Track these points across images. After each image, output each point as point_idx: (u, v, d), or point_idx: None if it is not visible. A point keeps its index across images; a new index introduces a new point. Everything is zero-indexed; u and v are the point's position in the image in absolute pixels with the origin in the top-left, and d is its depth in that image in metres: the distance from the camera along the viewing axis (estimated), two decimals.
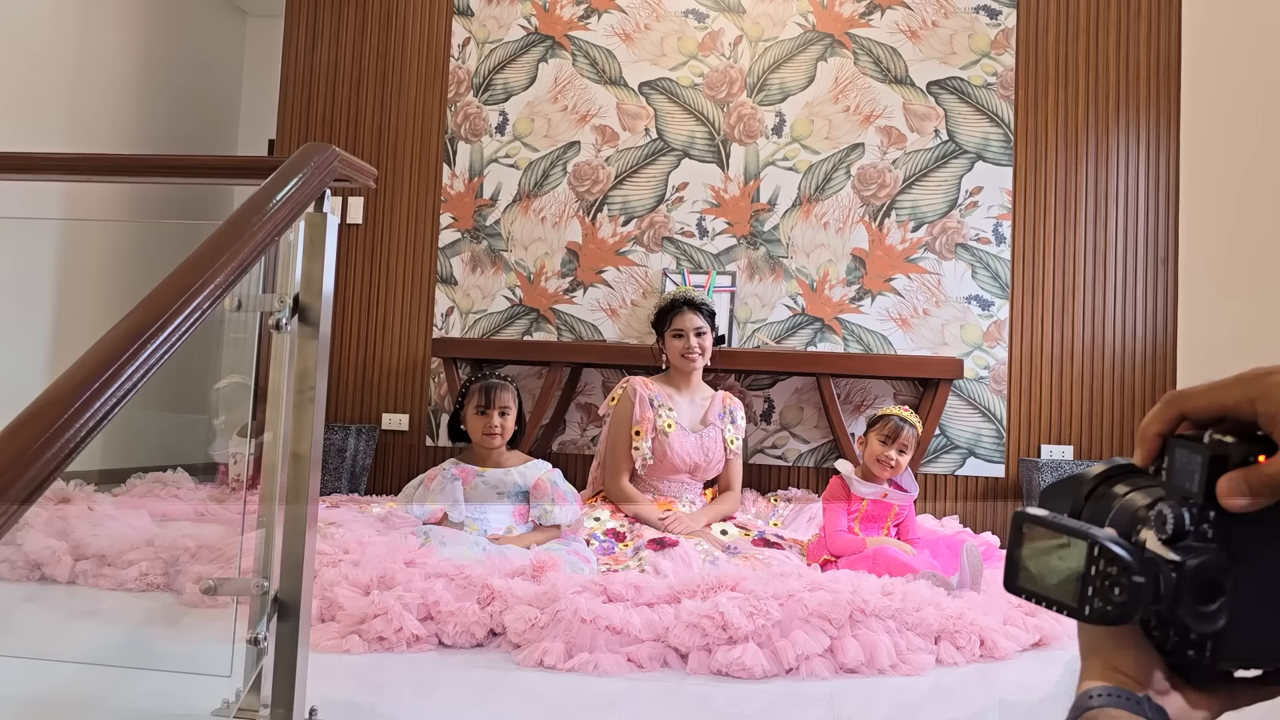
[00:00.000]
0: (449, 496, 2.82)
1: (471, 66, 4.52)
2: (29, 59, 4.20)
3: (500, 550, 2.57)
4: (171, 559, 2.60)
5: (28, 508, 0.98)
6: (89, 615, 2.41)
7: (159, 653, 2.22)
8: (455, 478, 2.86)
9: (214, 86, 5.57)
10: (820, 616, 2.03)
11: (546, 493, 2.83)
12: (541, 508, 2.81)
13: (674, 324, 3.24)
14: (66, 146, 4.31)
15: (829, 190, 4.22)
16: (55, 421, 0.99)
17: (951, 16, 4.21)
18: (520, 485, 2.86)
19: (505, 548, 2.61)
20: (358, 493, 4.15)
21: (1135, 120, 4.08)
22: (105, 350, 1.10)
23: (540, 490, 2.84)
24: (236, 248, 1.24)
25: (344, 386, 4.45)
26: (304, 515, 1.53)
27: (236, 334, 4.97)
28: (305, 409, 1.55)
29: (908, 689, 1.93)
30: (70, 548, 2.70)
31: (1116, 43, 4.12)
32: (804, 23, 4.30)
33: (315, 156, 1.50)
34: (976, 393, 4.06)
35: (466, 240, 4.46)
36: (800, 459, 4.13)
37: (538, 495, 2.83)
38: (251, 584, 1.51)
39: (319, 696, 1.56)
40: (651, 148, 4.34)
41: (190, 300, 1.16)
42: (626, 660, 1.98)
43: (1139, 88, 4.09)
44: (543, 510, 2.81)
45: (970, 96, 4.17)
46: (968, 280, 4.11)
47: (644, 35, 4.39)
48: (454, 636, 2.08)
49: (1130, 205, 4.07)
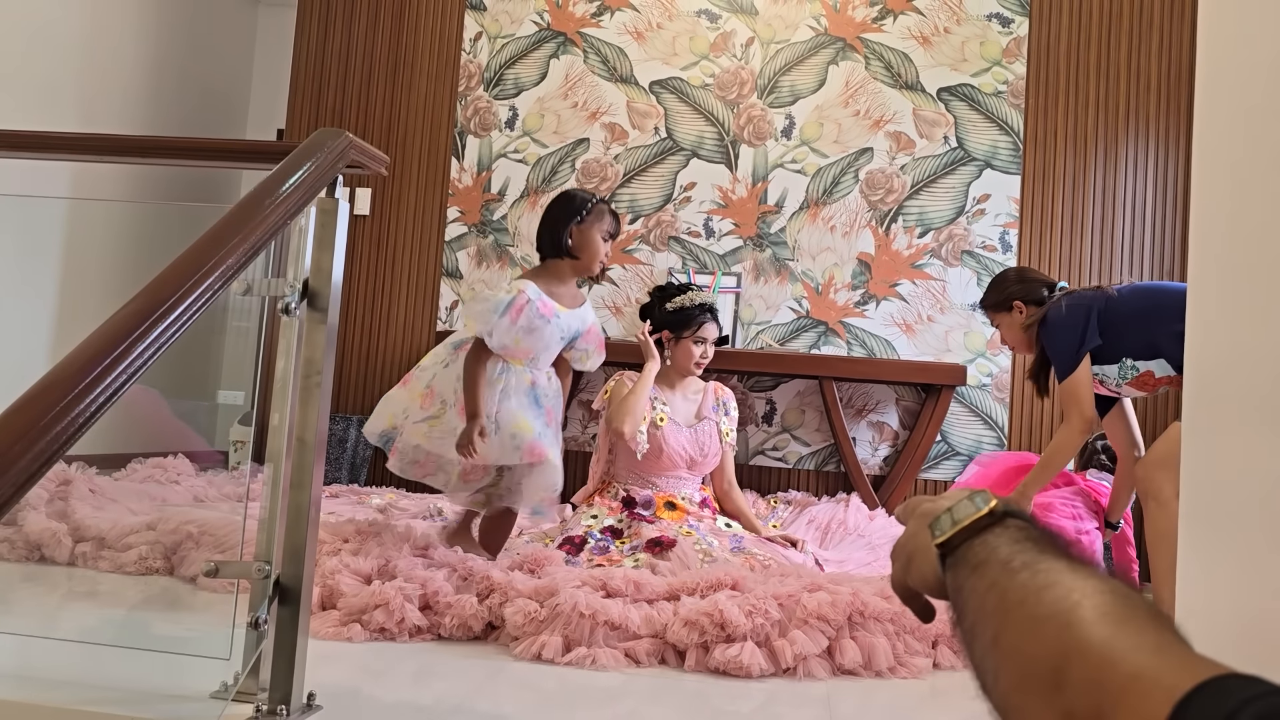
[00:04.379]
0: (540, 341, 2.54)
1: (483, 61, 4.53)
2: (42, 43, 4.21)
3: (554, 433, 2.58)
4: (172, 544, 2.60)
5: (33, 484, 0.98)
6: (88, 596, 2.41)
7: (158, 635, 2.22)
8: (544, 317, 2.54)
9: (224, 74, 5.58)
10: (819, 617, 2.03)
11: (597, 337, 2.74)
12: (585, 350, 2.70)
13: (701, 331, 3.23)
14: (77, 130, 4.31)
15: (836, 194, 4.22)
16: (64, 397, 1.00)
17: (964, 23, 4.21)
18: (578, 329, 2.69)
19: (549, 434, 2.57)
20: (357, 483, 4.15)
21: (1145, 130, 4.08)
22: (116, 328, 1.10)
23: (593, 335, 2.73)
24: (249, 230, 1.24)
25: (347, 377, 4.45)
26: (307, 501, 1.53)
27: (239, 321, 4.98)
28: (311, 395, 1.55)
29: (904, 692, 1.93)
30: (70, 530, 2.70)
31: (1128, 53, 4.12)
32: (816, 26, 4.30)
33: (329, 142, 1.51)
34: (979, 400, 4.06)
35: (473, 234, 4.47)
36: (801, 461, 4.13)
37: (589, 339, 2.71)
38: (253, 568, 1.51)
39: (317, 682, 1.56)
40: (660, 147, 4.34)
41: (201, 281, 1.17)
42: (624, 656, 1.98)
43: (1149, 98, 4.09)
44: (584, 352, 2.70)
45: (980, 104, 4.17)
46: (973, 287, 4.10)
47: (656, 34, 4.39)
48: (450, 629, 2.08)
49: (1138, 216, 4.07)
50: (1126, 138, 4.09)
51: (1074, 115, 4.13)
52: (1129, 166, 4.09)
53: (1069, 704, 0.45)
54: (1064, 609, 0.49)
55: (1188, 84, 4.04)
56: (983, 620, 0.55)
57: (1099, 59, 4.13)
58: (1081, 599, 0.49)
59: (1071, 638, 0.47)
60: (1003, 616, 0.53)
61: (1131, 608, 0.48)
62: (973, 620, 0.56)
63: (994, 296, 2.92)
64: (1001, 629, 0.52)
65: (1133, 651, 0.45)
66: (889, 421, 4.10)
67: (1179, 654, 0.44)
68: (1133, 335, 2.60)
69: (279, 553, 1.52)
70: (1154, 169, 4.07)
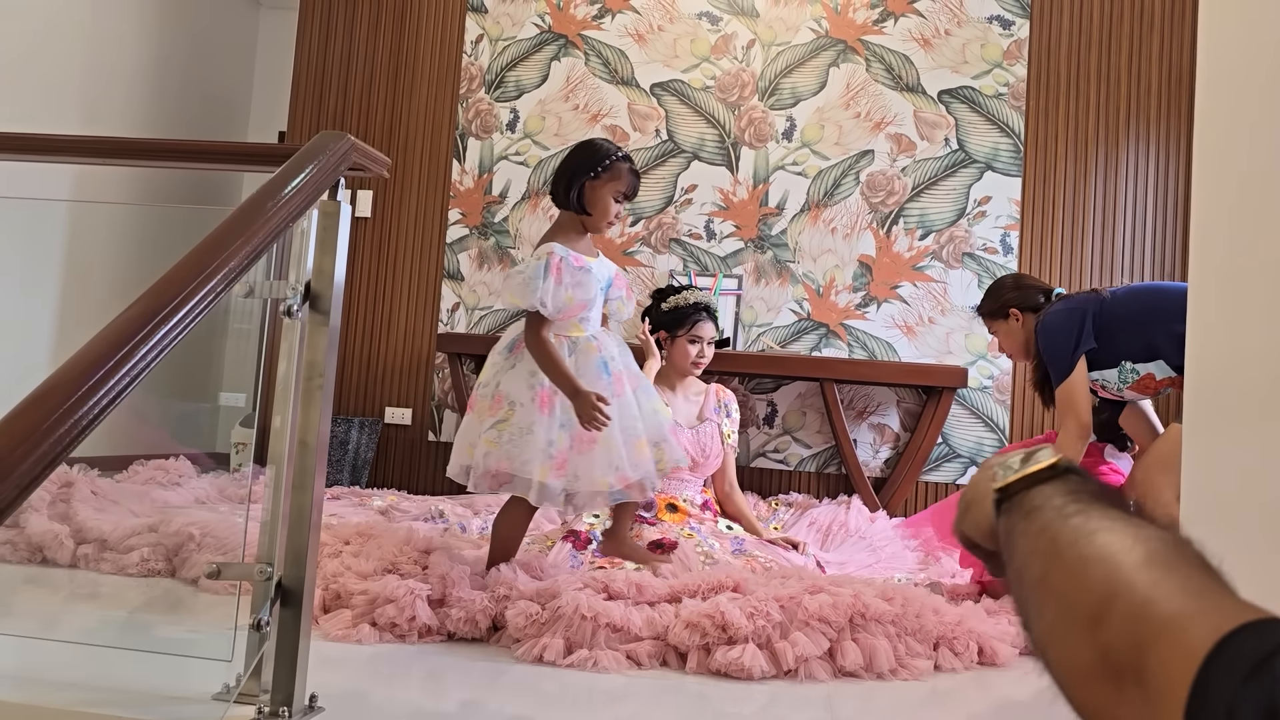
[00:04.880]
0: (588, 291, 2.40)
1: (484, 63, 4.53)
2: (43, 46, 4.21)
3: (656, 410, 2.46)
4: (174, 546, 2.60)
5: (36, 486, 0.98)
6: (90, 598, 2.42)
7: (160, 637, 2.23)
8: (581, 268, 2.40)
9: (225, 77, 5.58)
10: (820, 619, 2.03)
11: (624, 282, 2.60)
12: (619, 298, 2.56)
13: (695, 330, 3.22)
14: (79, 132, 4.31)
15: (837, 196, 4.23)
16: (66, 400, 1.00)
17: (964, 26, 4.21)
18: (609, 276, 2.55)
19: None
20: (359, 485, 4.16)
21: (1146, 134, 4.08)
22: (118, 331, 1.10)
23: (620, 280, 2.58)
24: (251, 232, 1.24)
25: (348, 379, 4.46)
26: (309, 503, 1.54)
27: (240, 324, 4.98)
28: (313, 397, 1.55)
29: (906, 694, 1.93)
30: (72, 531, 2.70)
31: (1129, 56, 4.12)
32: (817, 28, 4.30)
33: (331, 144, 1.51)
34: (980, 402, 4.06)
35: (474, 236, 4.47)
36: (802, 463, 4.13)
37: (618, 285, 2.57)
38: (255, 569, 1.52)
39: (320, 684, 1.56)
40: (662, 149, 4.35)
41: (204, 284, 1.17)
42: (626, 658, 1.98)
43: (1150, 101, 4.09)
44: (619, 301, 2.56)
45: (981, 106, 4.17)
46: (974, 289, 4.10)
47: (657, 36, 4.39)
48: (457, 624, 2.08)
49: (1139, 219, 4.07)
50: (1127, 140, 4.10)
51: (1075, 118, 4.13)
52: (1129, 169, 4.09)
53: (1109, 639, 0.47)
54: (1113, 551, 0.50)
55: (1188, 87, 4.04)
56: (1033, 560, 0.57)
57: (1100, 62, 4.13)
58: (1133, 544, 0.50)
59: (1118, 578, 0.48)
60: (1053, 557, 0.55)
61: (1181, 554, 0.49)
62: (1022, 561, 0.58)
63: (990, 304, 2.90)
64: (1050, 568, 0.54)
65: (1177, 593, 0.46)
66: (890, 424, 4.10)
67: (1222, 598, 0.45)
68: (1129, 337, 2.58)
69: (281, 555, 1.52)
70: (1154, 171, 4.08)
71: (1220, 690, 0.39)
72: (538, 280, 2.31)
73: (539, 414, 2.30)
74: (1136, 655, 0.45)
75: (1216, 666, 0.40)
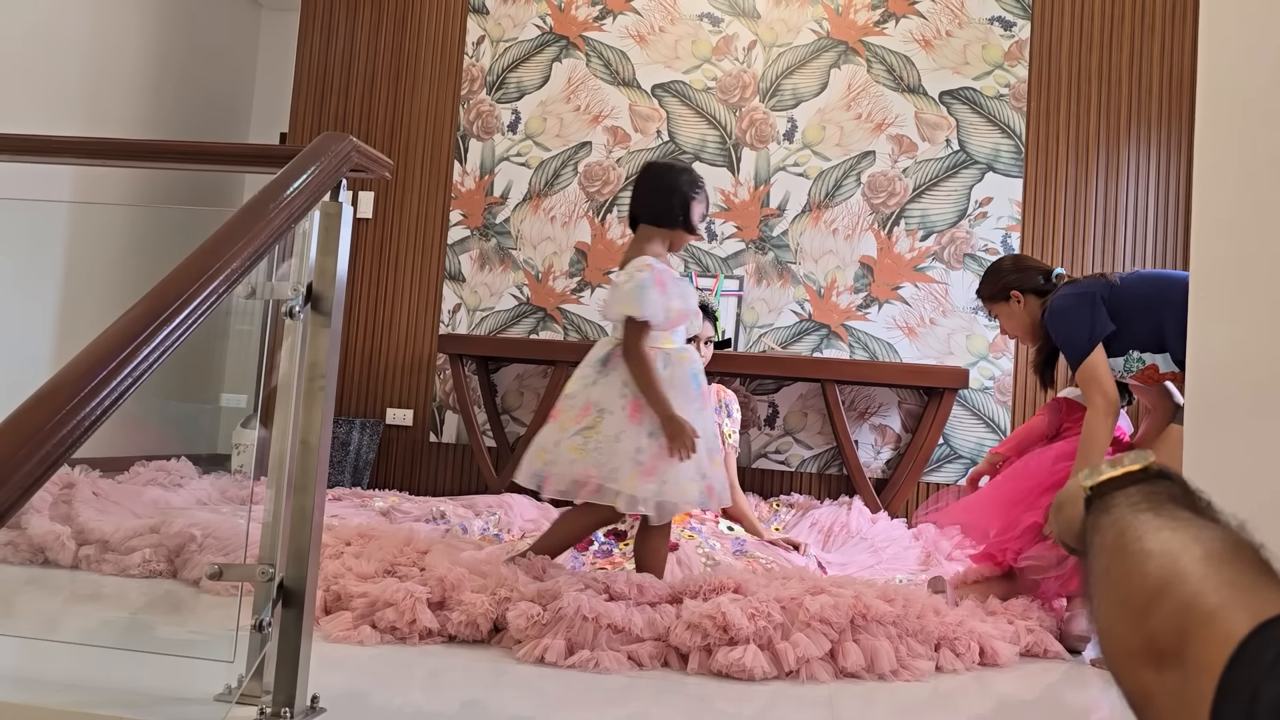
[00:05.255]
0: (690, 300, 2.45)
1: (485, 64, 4.53)
2: (45, 47, 4.22)
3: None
4: (175, 547, 2.60)
5: (39, 488, 0.98)
6: (92, 599, 2.42)
7: (161, 638, 2.23)
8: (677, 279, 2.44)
9: (227, 78, 5.59)
10: (821, 620, 2.03)
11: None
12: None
13: None
14: (81, 133, 4.32)
15: (839, 197, 4.23)
16: (69, 401, 1.00)
17: (965, 27, 4.21)
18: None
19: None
20: (360, 487, 4.16)
21: (1147, 135, 4.09)
22: (121, 332, 1.10)
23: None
24: (253, 234, 1.24)
25: (349, 380, 4.46)
26: (311, 504, 1.54)
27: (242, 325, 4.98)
28: (315, 398, 1.55)
29: (907, 694, 1.94)
30: (74, 533, 2.70)
31: (1129, 57, 4.12)
32: (818, 29, 4.30)
33: (332, 145, 1.51)
34: (981, 403, 4.06)
35: (475, 238, 4.47)
36: (803, 464, 4.13)
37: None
38: (256, 570, 1.52)
39: (322, 685, 1.56)
40: (663, 150, 4.35)
41: (206, 285, 1.17)
42: (627, 659, 1.98)
43: (1151, 102, 4.09)
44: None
45: (982, 107, 4.18)
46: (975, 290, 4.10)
47: (658, 38, 4.40)
48: (458, 627, 2.08)
49: (1140, 219, 4.07)
50: (1128, 141, 4.10)
51: (1076, 118, 4.13)
52: (1130, 170, 4.09)
53: (1155, 627, 0.49)
54: (1173, 547, 0.53)
55: (1189, 88, 4.04)
56: (1102, 553, 0.59)
57: (1100, 63, 4.13)
58: (1193, 541, 0.53)
59: (1174, 571, 0.51)
60: (1119, 549, 0.57)
61: (1239, 552, 0.51)
62: (1095, 554, 0.61)
63: (990, 287, 2.84)
64: (1114, 560, 0.57)
65: (1226, 586, 0.48)
66: (891, 424, 4.11)
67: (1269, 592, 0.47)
68: (1139, 325, 2.49)
69: (283, 556, 1.53)
70: (1155, 172, 4.08)
71: (1249, 671, 0.41)
72: (647, 292, 2.30)
73: (629, 422, 2.28)
74: (1180, 642, 0.47)
75: (1251, 648, 0.42)
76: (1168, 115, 4.08)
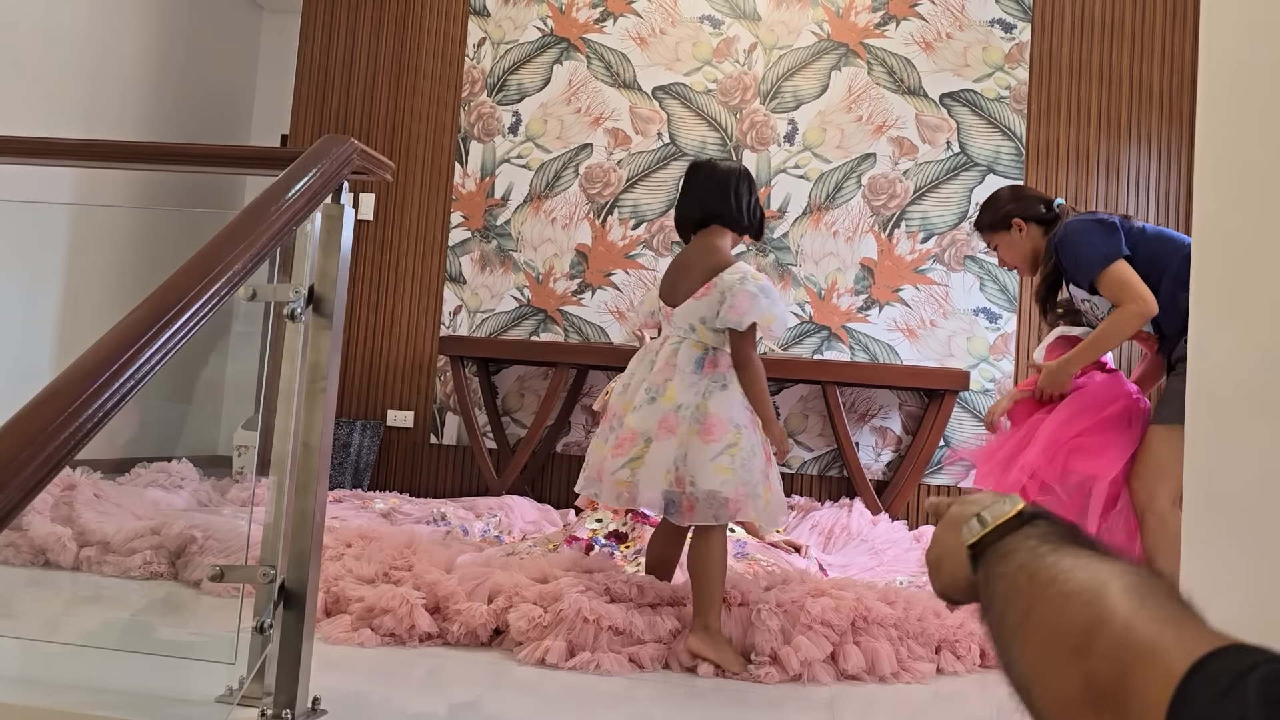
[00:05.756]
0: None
1: (486, 66, 4.54)
2: (47, 48, 4.22)
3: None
4: (177, 549, 2.60)
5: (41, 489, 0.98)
6: (93, 601, 2.42)
7: (162, 639, 2.23)
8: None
9: (228, 80, 5.60)
10: (823, 623, 2.03)
11: None
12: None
13: None
14: (81, 135, 4.32)
15: (839, 199, 4.23)
16: (72, 403, 1.00)
17: (966, 29, 4.22)
18: None
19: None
20: (361, 488, 4.16)
21: (1147, 137, 4.09)
22: (123, 334, 1.10)
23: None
24: (255, 236, 1.25)
25: (350, 382, 4.46)
26: (312, 505, 1.54)
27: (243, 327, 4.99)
28: (316, 400, 1.55)
29: (908, 696, 1.94)
30: (75, 534, 2.70)
31: (1130, 60, 4.12)
32: (819, 31, 4.31)
33: (334, 148, 1.51)
34: (981, 405, 4.06)
35: (476, 239, 4.47)
36: (804, 466, 4.13)
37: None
38: (258, 572, 1.52)
39: (323, 686, 1.56)
40: (663, 152, 4.35)
41: (209, 287, 1.17)
42: (628, 660, 1.98)
43: (1151, 104, 4.09)
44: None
45: (983, 109, 4.18)
46: (976, 293, 4.11)
47: (659, 40, 4.40)
48: (458, 636, 2.08)
49: None
50: (1128, 143, 4.10)
51: (1076, 121, 4.13)
52: (1131, 172, 4.09)
53: (1092, 668, 0.49)
54: (1092, 586, 0.53)
55: (1190, 91, 4.04)
56: (1014, 599, 0.59)
57: (1101, 65, 4.14)
58: (1109, 578, 0.53)
59: (1099, 609, 0.51)
60: (1034, 594, 0.57)
61: (1153, 586, 0.52)
62: (1002, 604, 0.61)
63: (990, 216, 2.71)
64: (1033, 604, 0.57)
65: (1154, 622, 0.48)
66: (892, 426, 4.10)
67: (1195, 626, 0.48)
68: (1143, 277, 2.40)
69: (284, 557, 1.53)
70: (1156, 175, 4.08)
71: (1196, 707, 0.42)
72: (774, 295, 2.23)
73: (755, 435, 2.18)
74: (1119, 680, 0.47)
75: (1193, 685, 0.43)
76: (1168, 118, 4.08)
